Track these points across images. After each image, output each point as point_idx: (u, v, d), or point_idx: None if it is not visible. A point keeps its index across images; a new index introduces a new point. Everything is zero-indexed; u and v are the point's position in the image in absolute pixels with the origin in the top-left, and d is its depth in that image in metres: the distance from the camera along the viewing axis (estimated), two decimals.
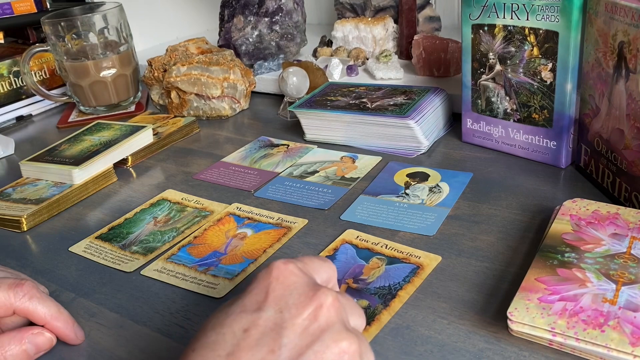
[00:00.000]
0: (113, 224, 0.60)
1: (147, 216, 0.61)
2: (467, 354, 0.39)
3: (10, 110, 0.96)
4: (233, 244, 0.54)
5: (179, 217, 0.60)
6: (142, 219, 0.61)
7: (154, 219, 0.60)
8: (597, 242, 0.45)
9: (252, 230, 0.56)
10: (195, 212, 0.61)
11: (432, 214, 0.55)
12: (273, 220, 0.57)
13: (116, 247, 0.56)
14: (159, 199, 0.65)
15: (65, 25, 0.87)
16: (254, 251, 0.53)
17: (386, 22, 0.95)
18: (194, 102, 0.86)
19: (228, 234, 0.56)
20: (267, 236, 0.55)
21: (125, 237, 0.58)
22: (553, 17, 0.56)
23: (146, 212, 0.62)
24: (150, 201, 0.64)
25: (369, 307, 0.44)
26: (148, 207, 0.63)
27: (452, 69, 0.83)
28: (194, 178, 0.69)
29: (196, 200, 0.63)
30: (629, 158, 0.51)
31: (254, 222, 0.57)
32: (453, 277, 0.46)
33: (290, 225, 0.56)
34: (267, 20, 0.94)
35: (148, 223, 0.60)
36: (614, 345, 0.35)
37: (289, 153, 0.72)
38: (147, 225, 0.59)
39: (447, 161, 0.66)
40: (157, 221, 0.60)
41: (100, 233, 0.59)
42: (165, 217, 0.60)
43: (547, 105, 0.60)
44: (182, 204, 0.63)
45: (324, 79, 0.84)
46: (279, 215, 0.58)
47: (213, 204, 0.62)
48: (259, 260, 0.51)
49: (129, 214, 0.62)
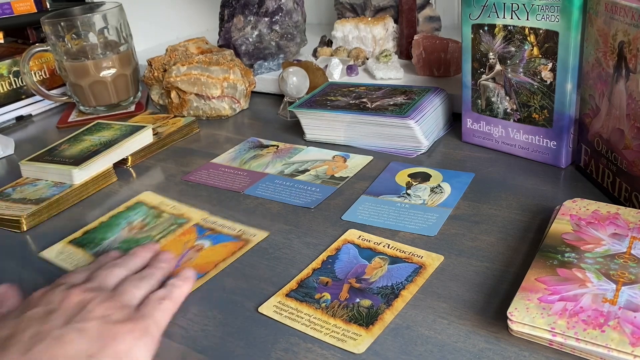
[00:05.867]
0: (88, 228, 0.59)
1: (122, 221, 0.59)
2: (467, 354, 0.39)
3: (10, 110, 0.96)
4: (188, 256, 0.52)
5: (154, 223, 0.58)
6: (117, 224, 0.59)
7: (129, 225, 0.58)
8: (597, 242, 0.45)
9: (211, 242, 0.54)
10: (172, 219, 0.58)
11: (433, 214, 0.55)
12: (233, 232, 0.55)
13: (89, 254, 0.54)
14: (135, 202, 0.62)
15: (65, 25, 0.87)
16: (206, 265, 0.51)
17: (386, 22, 0.95)
18: (194, 102, 0.86)
19: (186, 245, 0.54)
20: (223, 249, 0.53)
21: (99, 243, 0.56)
22: (553, 17, 0.56)
23: (121, 216, 0.60)
24: (127, 204, 0.62)
25: (372, 307, 0.44)
26: (124, 211, 0.61)
27: (452, 69, 0.83)
28: (183, 180, 0.69)
29: (173, 206, 0.61)
30: (629, 158, 0.51)
31: (215, 234, 0.55)
32: (453, 277, 0.46)
33: (250, 238, 0.54)
34: (267, 20, 0.94)
35: (123, 228, 0.58)
36: (614, 345, 0.35)
37: (279, 154, 0.72)
38: (121, 231, 0.57)
39: (447, 161, 0.66)
40: (132, 227, 0.58)
41: (74, 237, 0.58)
42: (141, 222, 0.58)
43: (547, 105, 0.60)
44: (158, 208, 0.60)
45: (324, 79, 0.84)
46: (241, 227, 0.56)
47: (191, 210, 0.60)
48: (209, 275, 0.49)
49: (104, 217, 0.60)
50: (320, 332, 0.42)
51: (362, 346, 0.40)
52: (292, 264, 0.50)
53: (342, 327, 0.42)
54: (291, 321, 0.43)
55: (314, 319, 0.43)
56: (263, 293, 0.47)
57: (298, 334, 0.42)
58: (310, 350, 0.41)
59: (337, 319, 0.43)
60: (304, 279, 0.48)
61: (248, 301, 0.46)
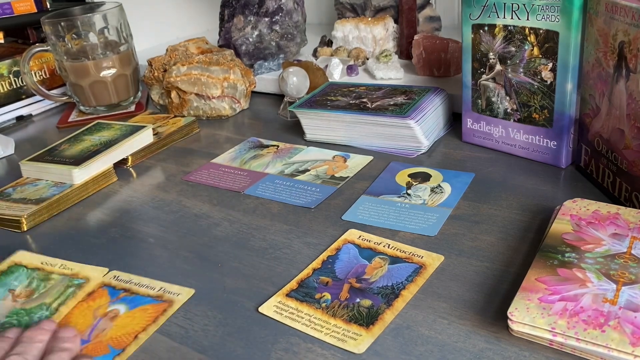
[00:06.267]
0: None
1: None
2: (468, 354, 0.39)
3: (10, 110, 0.96)
4: (100, 327, 0.44)
5: (44, 288, 0.49)
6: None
7: (11, 293, 0.49)
8: (598, 242, 0.45)
9: (127, 307, 0.46)
10: (65, 280, 0.50)
11: (433, 214, 0.55)
12: (153, 292, 0.48)
13: None
14: (9, 265, 0.53)
15: (65, 25, 0.87)
16: (123, 337, 0.43)
17: (386, 22, 0.95)
18: (194, 102, 0.86)
19: (97, 312, 0.46)
20: (143, 314, 0.45)
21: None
22: (553, 16, 0.56)
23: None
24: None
25: (372, 307, 0.44)
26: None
27: (452, 69, 0.83)
28: (183, 180, 0.69)
29: (62, 265, 0.52)
30: (629, 158, 0.51)
31: (131, 295, 0.47)
32: (453, 277, 0.46)
33: (173, 298, 0.47)
34: (267, 20, 0.94)
35: (4, 298, 0.48)
36: (614, 345, 0.35)
37: (279, 154, 0.72)
38: (3, 302, 0.48)
39: (448, 161, 0.66)
40: (16, 296, 0.49)
41: None
42: (26, 289, 0.49)
43: (548, 105, 0.60)
44: (43, 270, 0.52)
45: (324, 79, 0.84)
46: (161, 285, 0.48)
47: (85, 268, 0.51)
48: (128, 351, 0.42)
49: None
50: (321, 332, 0.42)
51: (362, 346, 0.40)
52: (292, 264, 0.50)
53: (342, 327, 0.42)
54: (291, 321, 0.43)
55: (314, 319, 0.43)
56: (263, 293, 0.47)
57: (298, 334, 0.42)
58: (310, 350, 0.41)
59: (337, 319, 0.43)
60: (304, 279, 0.48)
61: (248, 301, 0.46)
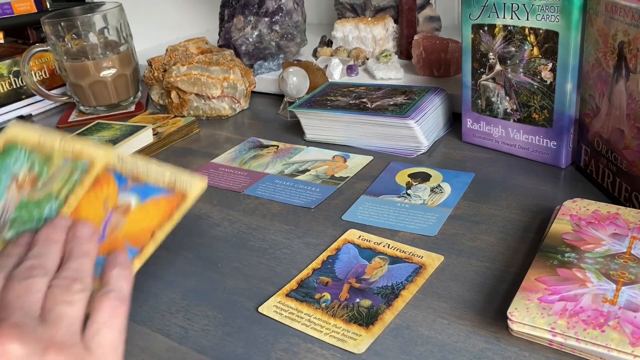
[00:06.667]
0: None
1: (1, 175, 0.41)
2: (467, 354, 0.39)
3: (10, 110, 0.96)
4: (113, 222, 0.39)
5: (47, 173, 0.41)
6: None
7: (15, 180, 0.41)
8: (597, 242, 0.45)
9: (138, 198, 0.40)
10: (68, 163, 0.42)
11: (433, 214, 0.55)
12: (164, 181, 0.40)
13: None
14: (4, 144, 0.42)
15: (65, 25, 0.87)
16: (139, 234, 0.38)
17: (386, 22, 0.95)
18: (194, 102, 0.86)
19: (107, 203, 0.40)
20: (156, 209, 0.39)
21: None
22: (553, 17, 0.56)
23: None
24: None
25: (372, 307, 0.44)
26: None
27: (452, 69, 0.83)
28: None
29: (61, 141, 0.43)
30: (629, 158, 0.51)
31: (141, 184, 0.40)
32: (453, 277, 0.46)
33: (185, 190, 0.40)
34: (267, 20, 0.94)
35: (8, 187, 0.41)
36: (614, 346, 0.35)
37: (279, 154, 0.72)
38: (8, 191, 0.41)
39: (447, 161, 0.66)
40: (20, 185, 0.41)
41: None
42: (29, 175, 0.41)
43: (547, 105, 0.60)
44: (42, 149, 0.42)
45: (324, 79, 0.84)
46: (170, 172, 0.40)
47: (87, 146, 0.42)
48: (146, 251, 0.38)
49: None
50: (320, 332, 0.42)
51: (362, 346, 0.40)
52: (292, 264, 0.50)
53: (342, 327, 0.42)
54: (291, 321, 0.43)
55: (314, 319, 0.43)
56: (263, 293, 0.47)
57: (298, 334, 0.42)
58: (310, 350, 0.41)
59: (337, 319, 0.43)
60: (304, 279, 0.48)
61: (248, 301, 0.46)
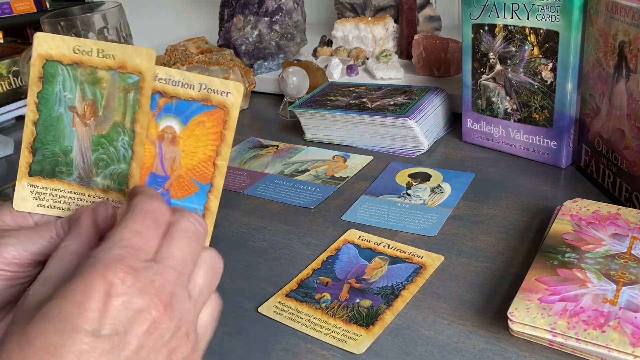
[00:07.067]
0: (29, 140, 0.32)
1: (54, 106, 0.32)
2: (468, 354, 0.39)
3: (10, 110, 0.96)
4: (167, 155, 0.33)
5: (102, 98, 0.33)
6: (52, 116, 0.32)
7: (73, 111, 0.33)
8: (598, 242, 0.45)
9: (179, 121, 0.33)
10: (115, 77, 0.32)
11: (433, 214, 0.55)
12: (194, 93, 0.33)
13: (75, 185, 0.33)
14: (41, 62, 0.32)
15: (64, 25, 0.87)
16: (201, 166, 0.34)
17: (386, 21, 0.95)
18: None
19: (150, 132, 0.33)
20: (203, 130, 0.33)
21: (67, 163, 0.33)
22: (553, 16, 0.56)
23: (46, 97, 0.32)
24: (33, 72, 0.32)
25: (372, 307, 0.44)
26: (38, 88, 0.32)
27: (452, 68, 0.83)
28: None
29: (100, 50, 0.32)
30: (630, 158, 0.51)
31: (172, 101, 0.33)
32: (453, 277, 0.46)
33: (225, 100, 0.33)
34: (267, 20, 0.94)
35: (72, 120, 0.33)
36: (614, 346, 0.35)
37: (279, 154, 0.72)
38: (74, 127, 0.33)
39: (448, 161, 0.66)
40: (82, 115, 0.33)
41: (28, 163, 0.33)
42: (85, 103, 0.33)
43: (548, 105, 0.60)
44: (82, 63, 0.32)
45: (324, 78, 0.84)
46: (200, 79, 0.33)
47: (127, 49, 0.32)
48: (217, 185, 0.34)
49: None
50: (320, 332, 0.42)
51: (362, 346, 0.40)
52: (292, 264, 0.50)
53: (342, 327, 0.42)
54: (291, 321, 0.43)
55: (314, 319, 0.43)
56: (263, 293, 0.47)
57: (298, 334, 0.42)
58: (310, 350, 0.41)
59: (337, 319, 0.43)
60: (304, 279, 0.48)
61: (248, 301, 0.46)
